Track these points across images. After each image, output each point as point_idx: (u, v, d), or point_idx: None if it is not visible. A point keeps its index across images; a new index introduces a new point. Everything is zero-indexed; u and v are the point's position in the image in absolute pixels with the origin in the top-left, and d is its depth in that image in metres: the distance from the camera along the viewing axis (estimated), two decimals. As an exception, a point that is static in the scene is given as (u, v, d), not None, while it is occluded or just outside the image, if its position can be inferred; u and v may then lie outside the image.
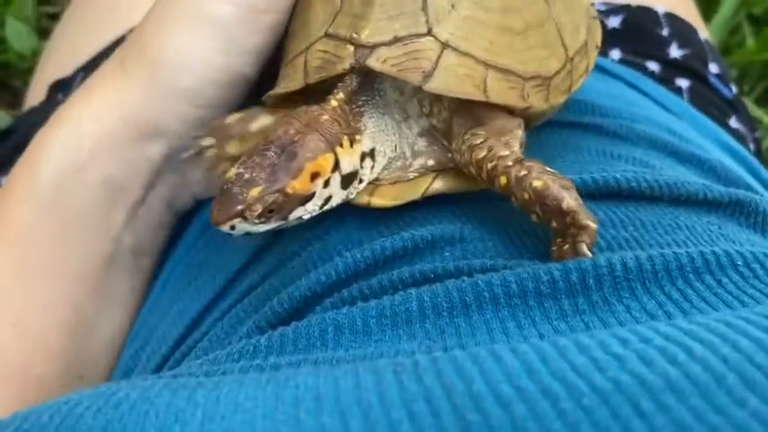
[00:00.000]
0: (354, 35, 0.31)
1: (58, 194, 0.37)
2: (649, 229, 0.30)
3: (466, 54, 0.31)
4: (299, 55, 0.33)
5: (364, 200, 0.32)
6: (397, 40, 0.31)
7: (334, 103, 0.31)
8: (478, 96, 0.30)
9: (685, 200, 0.32)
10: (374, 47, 0.31)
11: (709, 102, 0.56)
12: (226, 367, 0.25)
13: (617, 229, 0.30)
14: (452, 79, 0.30)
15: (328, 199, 0.30)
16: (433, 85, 0.30)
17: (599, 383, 0.18)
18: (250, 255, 0.35)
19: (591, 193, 0.32)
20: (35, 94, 0.64)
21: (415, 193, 0.32)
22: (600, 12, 0.60)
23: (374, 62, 0.30)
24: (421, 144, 0.34)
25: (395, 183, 0.33)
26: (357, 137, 0.31)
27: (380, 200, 0.32)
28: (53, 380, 0.38)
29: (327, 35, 0.32)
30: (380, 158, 0.33)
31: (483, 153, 0.30)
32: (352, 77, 0.32)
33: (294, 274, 0.32)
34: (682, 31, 0.60)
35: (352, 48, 0.31)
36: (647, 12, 0.60)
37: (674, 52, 0.58)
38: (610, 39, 0.59)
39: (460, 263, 0.29)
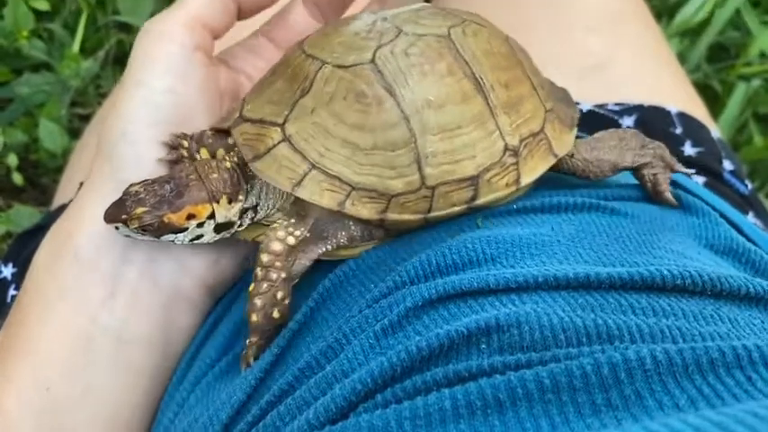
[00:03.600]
0: (244, 106, 0.38)
1: (44, 277, 0.40)
2: (690, 319, 0.30)
3: (298, 152, 0.36)
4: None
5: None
6: (260, 121, 0.37)
7: (227, 164, 0.38)
8: (286, 188, 0.36)
9: (728, 294, 0.32)
10: (245, 120, 0.37)
11: (727, 197, 0.57)
12: None
13: (658, 317, 0.30)
14: (273, 166, 0.36)
15: (199, 236, 0.37)
16: (256, 165, 0.36)
17: None
18: (277, 354, 0.35)
19: (637, 287, 0.32)
20: (65, 193, 0.66)
21: (249, 236, 0.39)
22: (614, 112, 0.62)
23: (236, 132, 0.37)
24: (287, 203, 0.39)
25: (254, 225, 0.39)
26: (240, 197, 0.37)
27: (242, 233, 0.39)
28: None
29: (243, 100, 0.39)
30: (262, 211, 0.39)
31: (262, 238, 0.36)
32: None
33: (329, 380, 0.32)
34: (694, 129, 0.62)
35: (237, 115, 0.38)
36: (660, 111, 0.62)
37: (689, 150, 0.60)
38: (625, 137, 0.61)
39: (495, 360, 0.29)
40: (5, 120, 0.80)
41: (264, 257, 0.35)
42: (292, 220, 0.37)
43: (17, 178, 0.78)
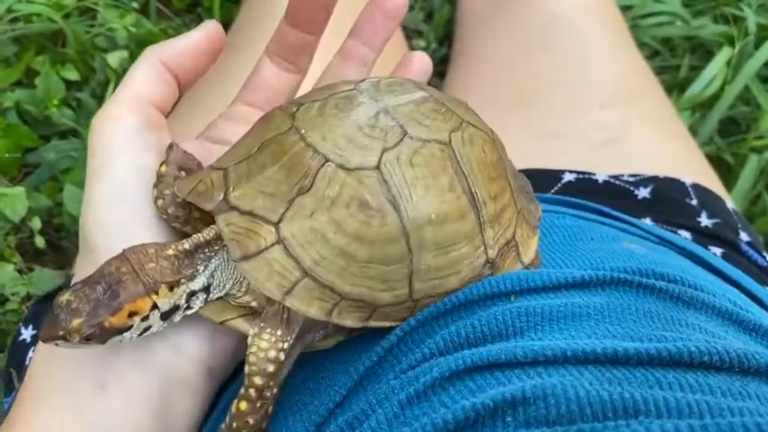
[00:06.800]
0: (230, 188, 0.35)
1: (40, 370, 0.40)
2: (718, 395, 0.30)
3: (292, 257, 0.34)
4: (212, 169, 0.37)
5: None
6: (251, 213, 0.34)
7: (170, 251, 0.35)
8: (275, 296, 0.34)
9: (755, 371, 0.32)
10: (232, 208, 0.34)
11: (745, 269, 0.57)
12: None
13: (684, 391, 0.30)
14: (264, 270, 0.34)
15: (147, 328, 0.35)
16: (245, 266, 0.34)
17: None
18: (311, 428, 0.35)
19: (664, 363, 0.32)
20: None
21: (218, 317, 0.37)
22: (629, 183, 0.63)
23: (221, 220, 0.34)
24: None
25: (218, 301, 0.37)
26: (182, 281, 0.35)
27: (206, 311, 0.37)
28: None
29: (225, 172, 0.36)
30: (216, 291, 0.37)
31: (257, 345, 0.34)
32: (212, 231, 0.36)
33: None
34: (710, 200, 0.62)
35: (221, 196, 0.35)
36: (675, 182, 0.63)
37: (705, 221, 0.60)
38: (640, 208, 0.61)
39: None
40: (32, 184, 0.82)
41: (258, 380, 0.34)
42: (278, 332, 0.35)
43: (39, 241, 0.79)
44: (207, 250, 0.36)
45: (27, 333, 0.61)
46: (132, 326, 0.34)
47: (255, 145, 0.36)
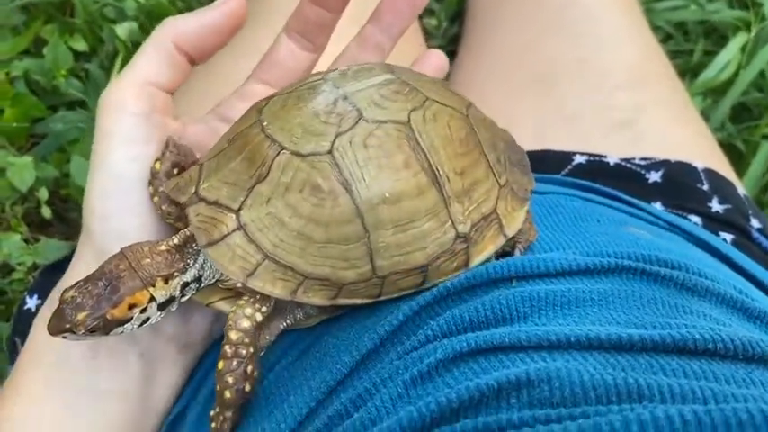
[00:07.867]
0: (200, 181, 0.37)
1: (38, 331, 0.42)
2: (722, 382, 0.30)
3: (252, 241, 0.36)
4: (194, 165, 0.39)
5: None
6: (215, 203, 0.36)
7: (163, 247, 0.37)
8: (238, 278, 0.36)
9: (759, 358, 0.32)
10: (200, 200, 0.37)
11: (755, 255, 0.56)
12: None
13: (689, 378, 0.30)
14: (227, 255, 0.36)
15: (146, 319, 0.37)
16: (209, 252, 0.36)
17: None
18: (312, 407, 0.35)
19: (669, 350, 0.32)
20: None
21: (205, 300, 0.39)
22: (640, 166, 0.62)
23: (190, 211, 0.37)
24: None
25: (211, 286, 0.39)
26: (176, 274, 0.37)
27: (195, 295, 0.39)
28: None
29: (201, 167, 0.38)
30: (206, 281, 0.39)
31: (220, 305, 0.38)
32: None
33: (357, 428, 0.31)
34: (721, 186, 0.62)
35: (193, 190, 0.37)
36: (687, 167, 0.62)
37: (716, 206, 0.60)
38: (651, 192, 0.61)
39: (524, 414, 0.29)
40: (39, 154, 0.82)
41: (233, 335, 0.36)
42: (258, 296, 0.37)
43: (46, 212, 0.79)
44: (194, 244, 0.38)
45: (32, 302, 0.61)
46: (132, 317, 0.36)
47: (227, 140, 0.38)
